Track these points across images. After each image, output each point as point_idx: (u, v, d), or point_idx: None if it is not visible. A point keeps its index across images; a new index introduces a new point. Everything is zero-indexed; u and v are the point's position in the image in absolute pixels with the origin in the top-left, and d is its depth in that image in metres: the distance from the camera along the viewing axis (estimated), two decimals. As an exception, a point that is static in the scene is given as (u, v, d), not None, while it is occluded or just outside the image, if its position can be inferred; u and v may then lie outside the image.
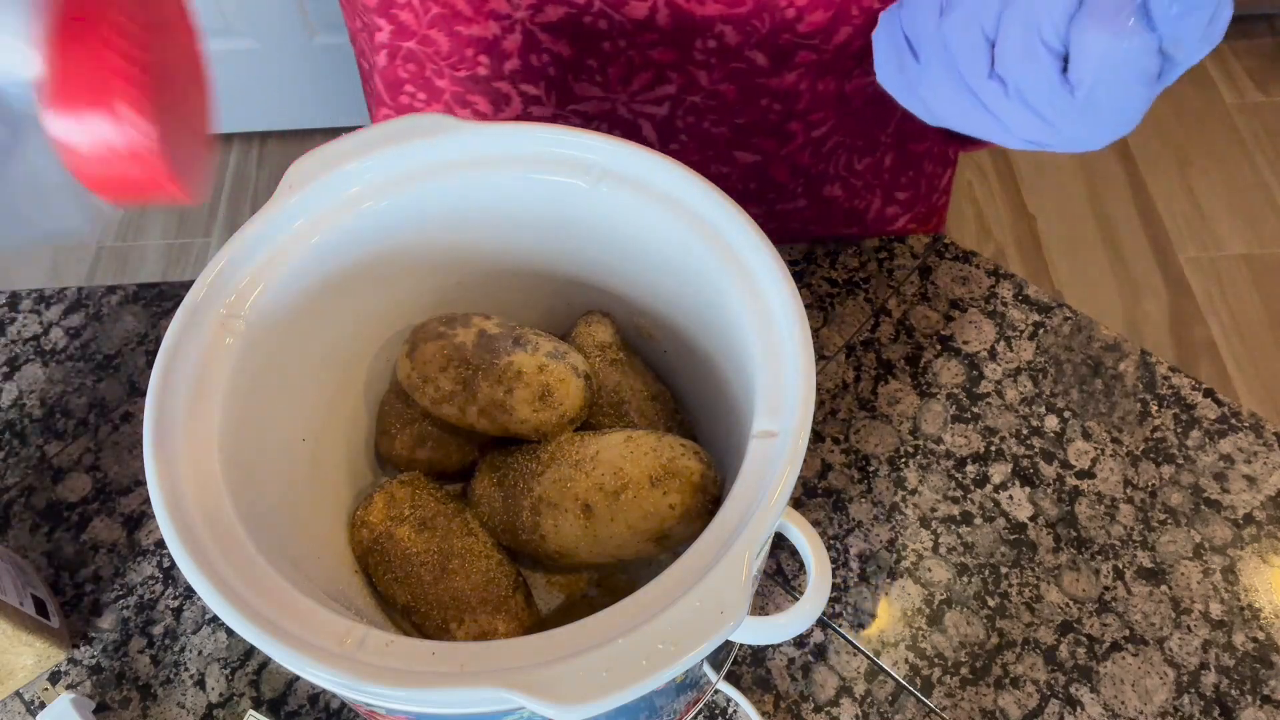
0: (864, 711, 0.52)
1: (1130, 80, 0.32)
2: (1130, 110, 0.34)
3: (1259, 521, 0.58)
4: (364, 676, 0.33)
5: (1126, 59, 0.32)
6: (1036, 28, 0.33)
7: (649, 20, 0.52)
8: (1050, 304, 0.67)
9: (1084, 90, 0.33)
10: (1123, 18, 0.31)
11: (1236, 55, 1.96)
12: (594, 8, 0.52)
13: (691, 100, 0.57)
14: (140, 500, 0.61)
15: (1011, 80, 0.34)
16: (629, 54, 0.54)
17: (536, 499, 0.45)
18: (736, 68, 0.55)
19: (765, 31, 0.52)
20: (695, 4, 0.51)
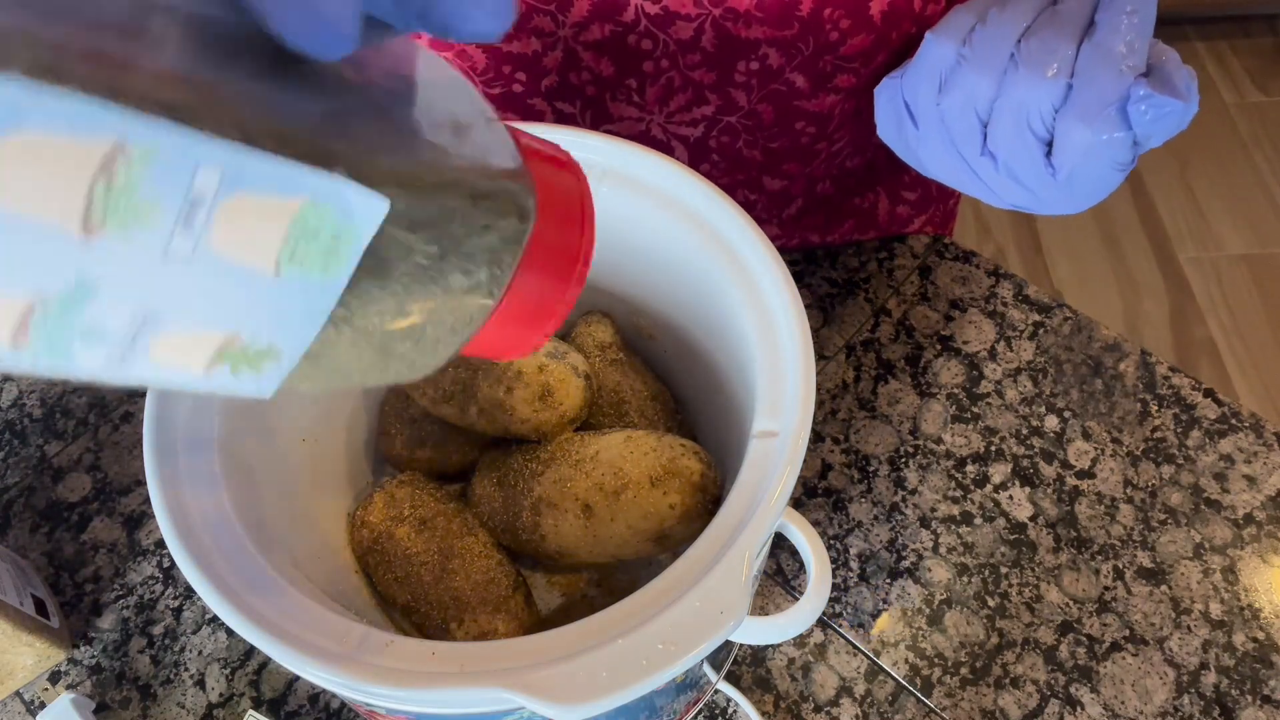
0: (864, 711, 0.52)
1: (1107, 167, 0.36)
2: (1106, 188, 0.37)
3: (1259, 521, 0.58)
4: (364, 676, 0.33)
5: (1105, 151, 0.36)
6: (1026, 118, 0.37)
7: (694, 41, 0.52)
8: (1050, 304, 0.67)
9: (1065, 173, 0.37)
10: (1104, 118, 0.35)
11: (1236, 55, 1.97)
12: (640, 26, 0.52)
13: (727, 121, 0.57)
14: (140, 500, 0.61)
15: (1001, 158, 0.38)
16: (670, 74, 0.54)
17: (536, 499, 0.45)
18: (776, 89, 0.55)
19: (808, 54, 0.53)
20: (742, 26, 0.51)
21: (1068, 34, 0.36)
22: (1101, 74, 0.35)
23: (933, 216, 0.73)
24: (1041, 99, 0.36)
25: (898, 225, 0.71)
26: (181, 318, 0.19)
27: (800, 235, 0.69)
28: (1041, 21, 0.37)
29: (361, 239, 0.20)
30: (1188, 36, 1.99)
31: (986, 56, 0.37)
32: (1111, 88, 0.35)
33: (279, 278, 0.20)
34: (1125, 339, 0.65)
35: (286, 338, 0.21)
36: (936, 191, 0.71)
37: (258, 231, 0.19)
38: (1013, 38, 0.37)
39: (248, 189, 0.18)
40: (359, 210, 0.19)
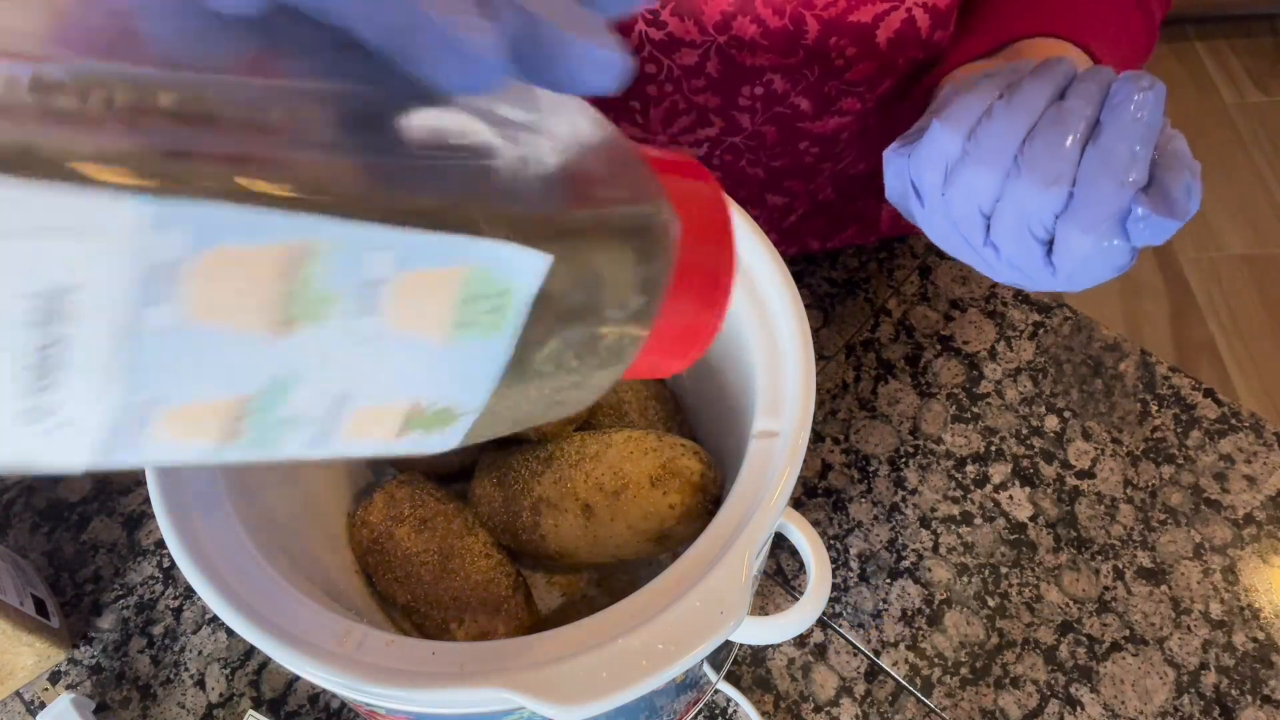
0: (864, 711, 0.52)
1: (1106, 270, 0.37)
2: (1103, 280, 0.38)
3: (1259, 521, 0.58)
4: (364, 676, 0.33)
5: (1104, 256, 0.36)
6: (1026, 221, 0.37)
7: (698, 66, 0.52)
8: (1050, 304, 0.67)
9: (1065, 273, 0.38)
10: (1103, 230, 0.36)
11: (1236, 55, 1.97)
12: (644, 51, 0.52)
13: (731, 141, 0.57)
14: (140, 500, 0.61)
15: (1003, 251, 0.39)
16: (674, 98, 0.54)
17: (536, 499, 0.45)
18: (780, 112, 0.55)
19: (814, 79, 0.52)
20: (747, 54, 0.51)
21: (1071, 137, 0.36)
22: (1103, 184, 0.35)
23: None
24: (1043, 206, 0.36)
25: (901, 230, 0.71)
26: (370, 394, 0.20)
27: (800, 243, 0.69)
28: (1047, 120, 0.37)
29: (527, 296, 0.20)
30: (1188, 36, 1.99)
31: (990, 155, 0.37)
32: (1113, 200, 0.35)
33: (454, 344, 0.20)
34: (1125, 339, 0.65)
35: (466, 397, 0.22)
36: None
37: (430, 304, 0.19)
38: (1017, 137, 0.37)
39: (416, 266, 0.19)
40: (521, 268, 0.20)
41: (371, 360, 0.20)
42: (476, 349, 0.21)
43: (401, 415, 0.21)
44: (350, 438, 0.21)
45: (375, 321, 0.19)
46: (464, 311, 0.20)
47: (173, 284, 0.16)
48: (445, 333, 0.20)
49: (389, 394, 0.21)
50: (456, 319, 0.20)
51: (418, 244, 0.18)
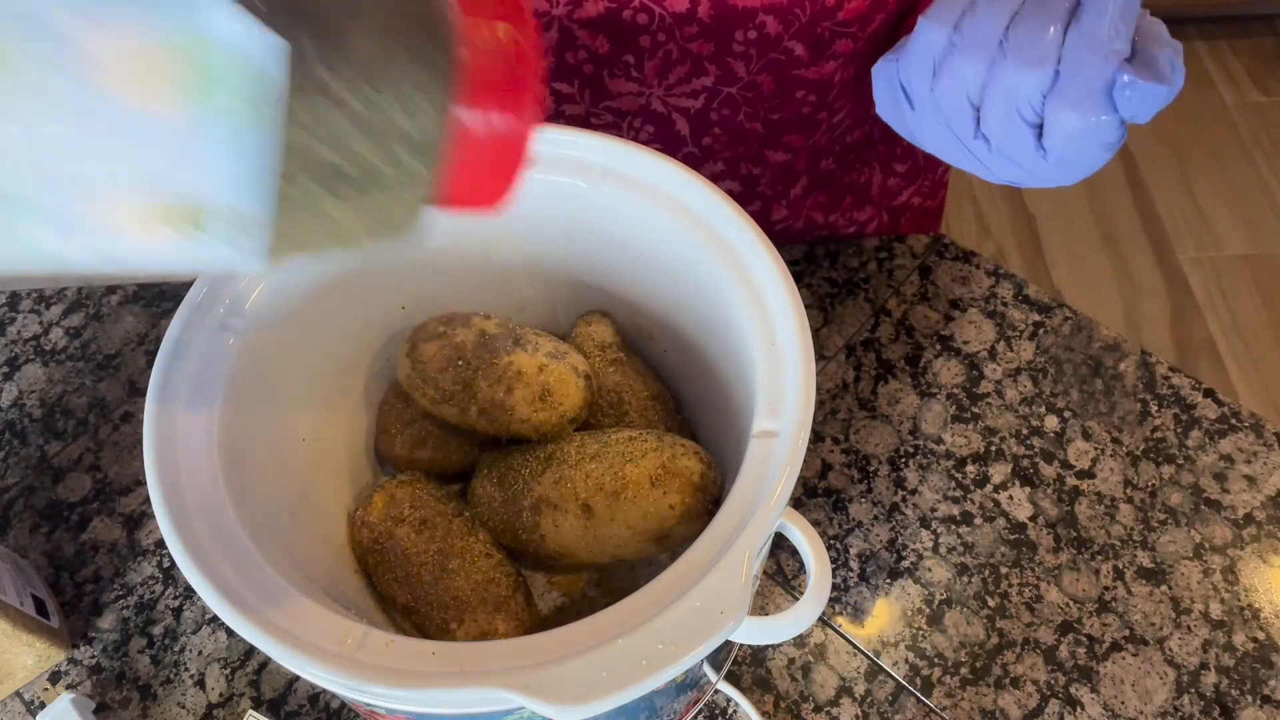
0: (864, 711, 0.52)
1: (1096, 148, 0.38)
2: (1098, 163, 0.39)
3: (1259, 521, 0.58)
4: (364, 676, 0.33)
5: (1093, 133, 0.37)
6: (1015, 105, 0.38)
7: (690, 13, 0.52)
8: (1050, 304, 0.67)
9: (1056, 155, 0.38)
10: (1090, 103, 0.36)
11: (1236, 55, 1.97)
12: (635, 1, 0.52)
13: (728, 92, 0.57)
14: (140, 500, 0.61)
15: (995, 140, 0.40)
16: (667, 47, 0.55)
17: (536, 499, 0.45)
18: (775, 58, 0.55)
19: (805, 20, 0.53)
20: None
21: (1054, 19, 0.37)
22: (1087, 60, 0.36)
23: (921, 187, 0.73)
24: (1030, 87, 0.37)
25: (889, 197, 0.71)
26: (98, 173, 0.19)
27: (806, 215, 0.69)
28: (1029, 7, 0.38)
29: (271, 79, 0.19)
30: (1188, 36, 1.99)
31: (976, 44, 0.38)
32: (1097, 74, 0.36)
33: (193, 122, 0.19)
34: (1125, 339, 0.65)
35: (240, 195, 0.20)
36: (924, 162, 0.71)
37: (147, 72, 0.18)
38: (1001, 25, 0.38)
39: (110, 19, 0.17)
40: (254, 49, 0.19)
41: (97, 136, 0.18)
42: (231, 136, 0.19)
43: (149, 206, 0.20)
44: (102, 229, 0.20)
45: (79, 86, 0.18)
46: (192, 85, 0.19)
47: None
48: (176, 108, 0.19)
49: (120, 176, 0.19)
50: (186, 93, 0.19)
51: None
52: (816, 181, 0.67)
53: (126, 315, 0.69)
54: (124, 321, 0.69)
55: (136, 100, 0.18)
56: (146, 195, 0.20)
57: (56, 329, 0.68)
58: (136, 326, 0.68)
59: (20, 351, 0.67)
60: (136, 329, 0.68)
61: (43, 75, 0.17)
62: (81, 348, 0.67)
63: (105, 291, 0.70)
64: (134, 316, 0.69)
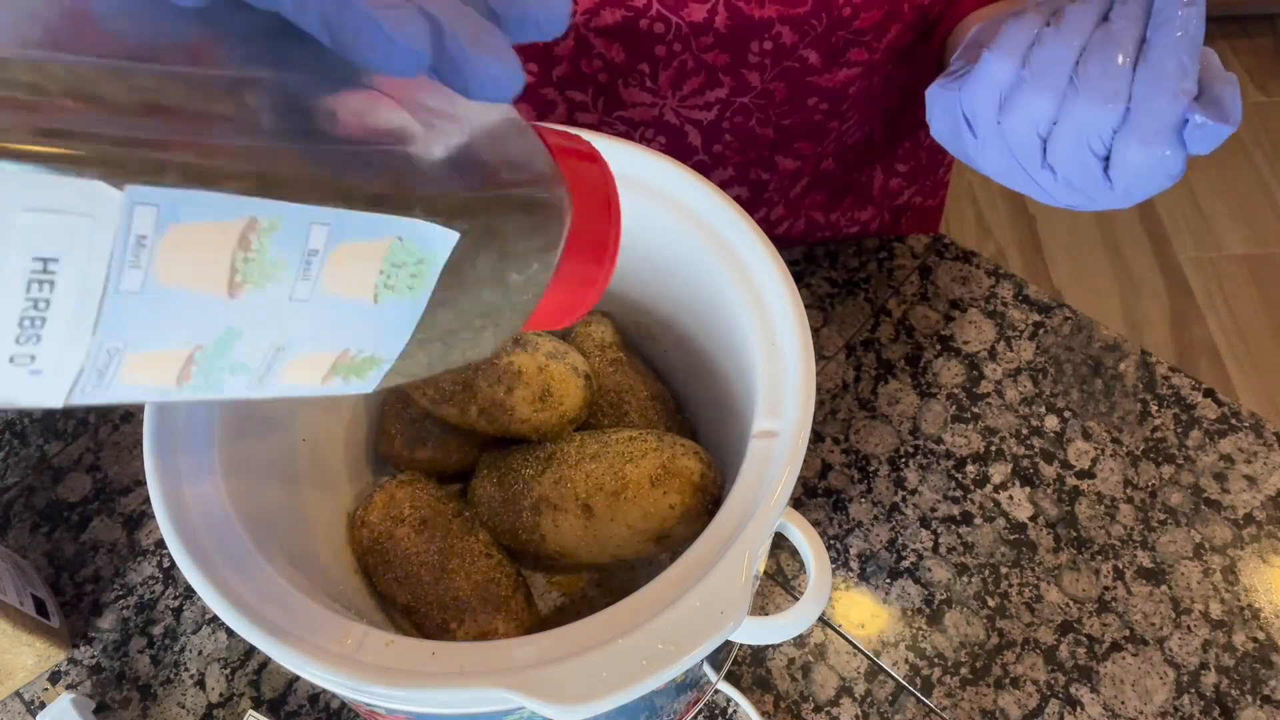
0: (864, 711, 0.52)
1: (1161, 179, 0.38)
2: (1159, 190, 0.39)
3: (1259, 521, 0.58)
4: (364, 676, 0.33)
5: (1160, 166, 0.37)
6: (1086, 139, 0.38)
7: (707, 23, 0.52)
8: (1050, 304, 0.67)
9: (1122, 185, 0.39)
10: (1160, 140, 0.37)
11: (1236, 55, 1.97)
12: (651, 10, 0.52)
13: (740, 102, 0.57)
14: (140, 500, 0.61)
15: (1061, 171, 0.40)
16: (683, 57, 0.55)
17: (536, 499, 0.45)
18: (789, 66, 0.55)
19: (821, 30, 0.53)
20: (755, 6, 0.51)
21: (1122, 55, 0.38)
22: (1158, 97, 0.37)
23: (923, 186, 0.73)
24: (1102, 122, 0.38)
25: (890, 198, 0.71)
26: (304, 345, 0.24)
27: (805, 214, 0.69)
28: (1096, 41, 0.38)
29: (439, 263, 0.24)
30: (1188, 36, 1.99)
31: (1046, 79, 0.39)
32: (1168, 111, 0.37)
33: (378, 304, 0.24)
34: (1125, 339, 0.65)
35: (385, 348, 0.26)
36: (926, 162, 0.72)
37: (358, 272, 0.23)
38: (1070, 59, 0.39)
39: (348, 239, 0.22)
40: (434, 241, 0.24)
41: (308, 317, 0.23)
42: (397, 307, 0.25)
43: (329, 364, 0.25)
44: (284, 382, 0.25)
45: (312, 285, 0.23)
46: (387, 277, 0.24)
47: (141, 254, 0.20)
48: (371, 294, 0.24)
49: (322, 345, 0.24)
50: (381, 283, 0.24)
51: (350, 221, 0.22)
52: (817, 181, 0.67)
53: (126, 315, 0.69)
54: (124, 321, 0.69)
55: (346, 293, 0.23)
56: (332, 357, 0.25)
57: (56, 329, 0.68)
58: (136, 326, 0.68)
59: (20, 351, 0.67)
60: (136, 329, 0.68)
61: (291, 276, 0.22)
62: (81, 348, 0.67)
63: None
64: (134, 316, 0.69)
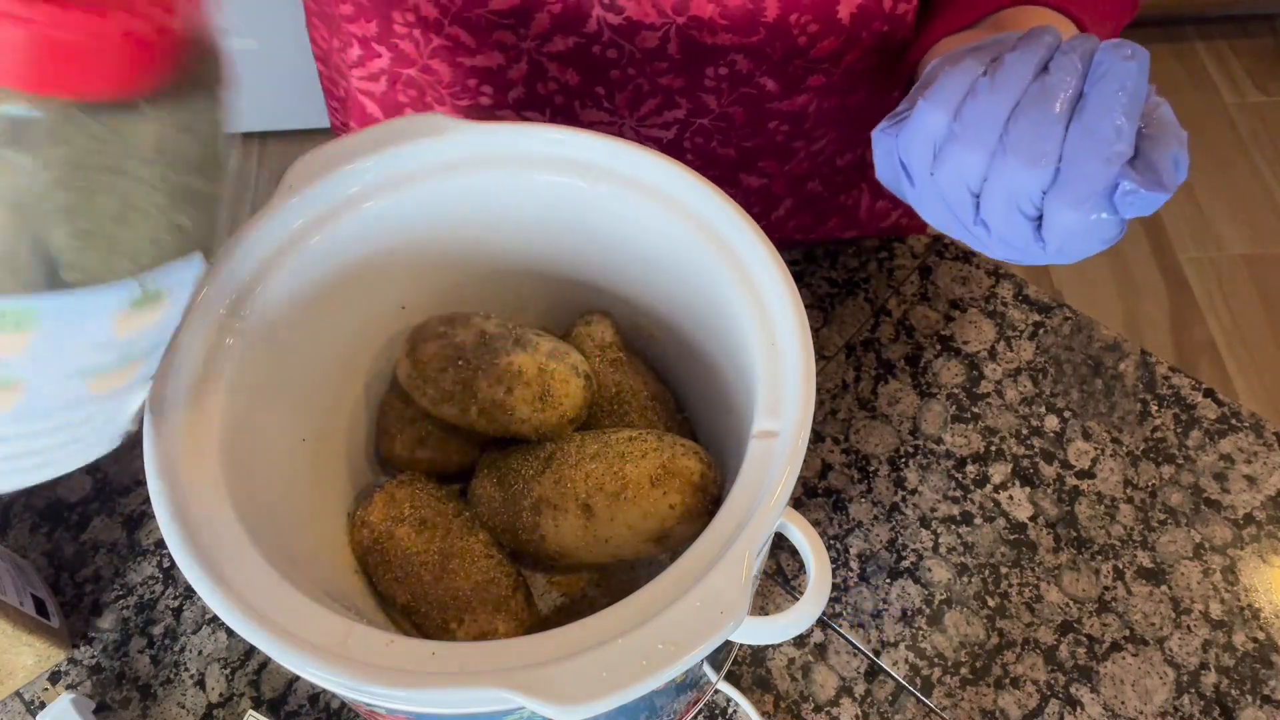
0: (864, 711, 0.52)
1: (1095, 243, 0.37)
2: (1095, 251, 0.38)
3: (1259, 521, 0.58)
4: (364, 676, 0.33)
5: (1093, 230, 0.36)
6: (1015, 199, 0.37)
7: (660, 49, 0.52)
8: (1050, 304, 0.67)
9: (1054, 245, 0.38)
10: (1091, 204, 0.36)
11: (1236, 55, 1.97)
12: (604, 37, 0.52)
13: (700, 123, 0.57)
14: (140, 500, 0.61)
15: (994, 228, 0.39)
16: (638, 81, 0.54)
17: (536, 499, 0.45)
18: (746, 92, 0.55)
19: (777, 58, 0.52)
20: (707, 34, 0.51)
21: (1056, 113, 0.36)
22: (1089, 161, 0.35)
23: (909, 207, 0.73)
24: (1030, 184, 0.37)
25: (878, 219, 0.71)
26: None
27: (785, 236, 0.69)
28: (1030, 96, 0.37)
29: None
30: (1188, 36, 1.99)
31: (976, 135, 0.38)
32: (1099, 175, 0.35)
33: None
34: (1125, 339, 0.65)
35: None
36: None
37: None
38: (1002, 115, 0.37)
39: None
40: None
41: None
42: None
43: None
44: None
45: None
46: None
47: None
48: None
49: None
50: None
51: None
52: (801, 204, 0.67)
53: (126, 315, 0.69)
54: (124, 321, 0.69)
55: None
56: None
57: (56, 329, 0.68)
58: (136, 326, 0.68)
59: (20, 351, 0.67)
60: (136, 329, 0.68)
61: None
62: (81, 348, 0.67)
63: (105, 291, 0.70)
64: (134, 316, 0.69)
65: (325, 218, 0.45)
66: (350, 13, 0.56)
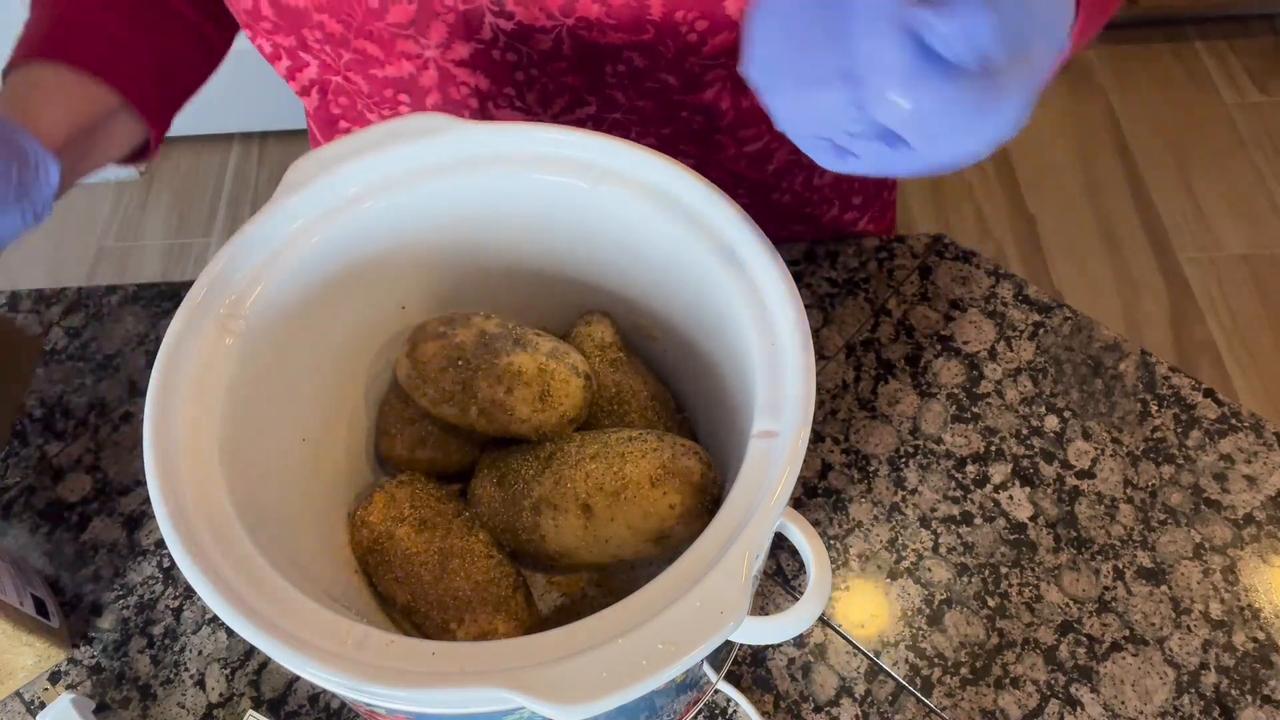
0: (864, 711, 0.52)
1: (964, 119, 0.30)
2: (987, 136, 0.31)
3: (1259, 521, 0.58)
4: (364, 676, 0.33)
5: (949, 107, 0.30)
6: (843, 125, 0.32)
7: (556, 50, 0.52)
8: (1050, 304, 0.67)
9: (918, 139, 0.31)
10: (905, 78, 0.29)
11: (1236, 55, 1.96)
12: (500, 42, 0.52)
13: (613, 117, 0.57)
14: (140, 500, 0.61)
15: (863, 155, 0.33)
16: (543, 81, 0.55)
17: (536, 499, 0.45)
18: (651, 87, 0.55)
19: (671, 55, 0.52)
20: (598, 33, 0.51)
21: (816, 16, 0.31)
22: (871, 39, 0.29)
23: (873, 214, 0.73)
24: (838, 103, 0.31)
25: (842, 228, 0.72)
26: None
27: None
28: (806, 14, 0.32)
29: None
30: (1188, 36, 1.99)
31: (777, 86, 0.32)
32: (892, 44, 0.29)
33: None
34: (1125, 339, 0.65)
35: None
36: (874, 186, 0.72)
37: None
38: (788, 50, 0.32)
39: None
40: None
41: None
42: None
43: None
44: None
45: None
46: None
47: None
48: None
49: None
50: None
51: None
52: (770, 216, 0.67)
53: (126, 315, 0.69)
54: (124, 321, 0.69)
55: None
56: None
57: (56, 329, 0.68)
58: (136, 326, 0.68)
59: (20, 351, 0.67)
60: (136, 329, 0.68)
61: None
62: (81, 348, 0.67)
63: (105, 291, 0.70)
64: (134, 316, 0.69)
65: (325, 218, 0.45)
66: (269, 28, 0.56)
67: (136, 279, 1.73)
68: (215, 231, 1.82)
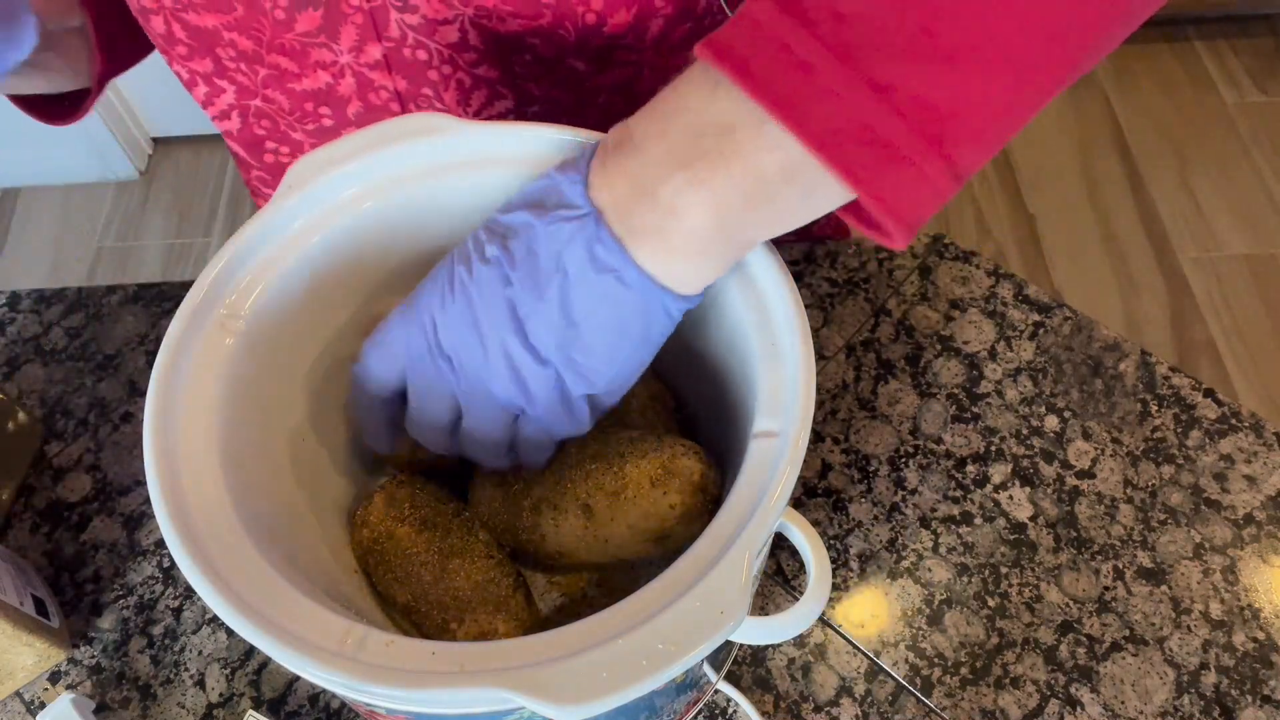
0: (864, 711, 0.52)
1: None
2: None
3: (1259, 521, 0.58)
4: (364, 676, 0.33)
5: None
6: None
7: (463, 42, 0.52)
8: (1050, 304, 0.67)
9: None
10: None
11: (1236, 55, 1.97)
12: (409, 39, 0.52)
13: (532, 111, 0.57)
14: (140, 500, 0.61)
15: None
16: (458, 76, 0.55)
17: (536, 499, 0.45)
18: (563, 75, 0.55)
19: (574, 39, 0.52)
20: (498, 22, 0.51)
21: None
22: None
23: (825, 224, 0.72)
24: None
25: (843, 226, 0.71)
26: None
27: None
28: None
29: None
30: (1188, 36, 1.99)
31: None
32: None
33: None
34: (1125, 339, 0.65)
35: None
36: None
37: None
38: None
39: None
40: None
41: None
42: None
43: None
44: None
45: None
46: None
47: None
48: None
49: None
50: None
51: None
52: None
53: (126, 315, 0.69)
54: (124, 321, 0.69)
55: None
56: None
57: (56, 329, 0.68)
58: (136, 326, 0.68)
59: (20, 351, 0.67)
60: (136, 329, 0.68)
61: None
62: (81, 348, 0.67)
63: (105, 291, 0.70)
64: (134, 316, 0.69)
65: (325, 218, 0.45)
66: (185, 53, 0.56)
67: (136, 279, 1.73)
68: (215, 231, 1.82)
